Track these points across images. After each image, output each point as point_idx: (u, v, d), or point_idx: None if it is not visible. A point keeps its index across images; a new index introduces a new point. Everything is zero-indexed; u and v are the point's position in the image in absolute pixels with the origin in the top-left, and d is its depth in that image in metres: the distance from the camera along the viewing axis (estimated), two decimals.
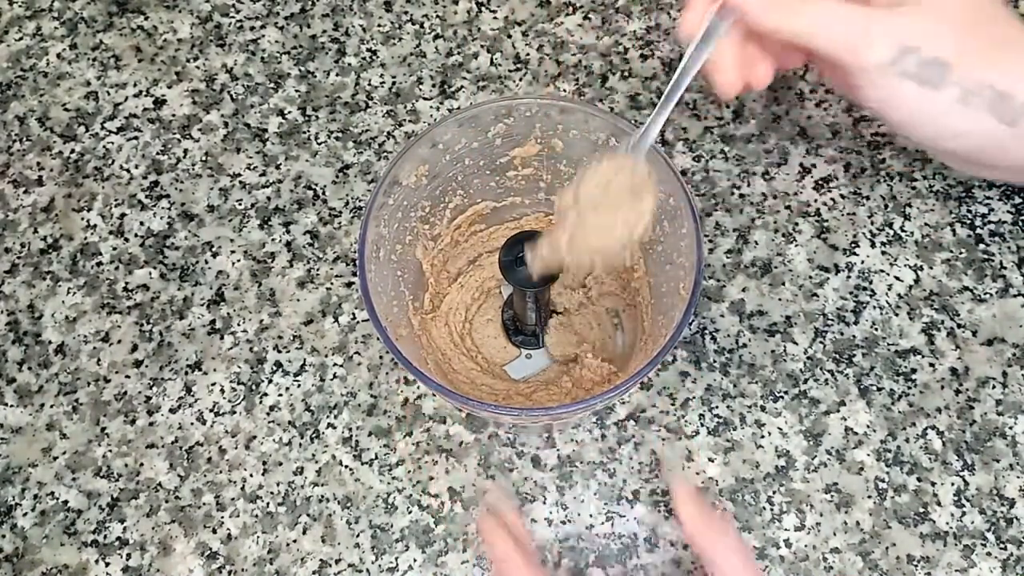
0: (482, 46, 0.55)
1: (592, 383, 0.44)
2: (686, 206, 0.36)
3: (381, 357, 0.48)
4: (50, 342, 0.49)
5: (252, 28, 0.57)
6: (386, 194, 0.38)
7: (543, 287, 0.39)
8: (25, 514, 0.45)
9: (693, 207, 0.36)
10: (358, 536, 0.44)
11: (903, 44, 0.29)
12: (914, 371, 0.46)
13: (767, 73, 0.35)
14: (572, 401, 0.44)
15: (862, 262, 0.48)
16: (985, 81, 0.29)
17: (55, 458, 0.46)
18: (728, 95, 0.34)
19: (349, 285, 0.49)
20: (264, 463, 0.46)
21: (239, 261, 0.50)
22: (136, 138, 0.54)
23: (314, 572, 0.43)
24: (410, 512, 0.44)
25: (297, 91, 0.55)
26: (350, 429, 0.46)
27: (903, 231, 0.49)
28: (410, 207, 0.42)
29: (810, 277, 0.48)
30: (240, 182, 0.52)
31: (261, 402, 0.47)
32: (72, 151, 0.54)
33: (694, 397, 0.46)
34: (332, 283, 0.49)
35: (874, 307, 0.47)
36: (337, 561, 0.43)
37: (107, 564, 0.44)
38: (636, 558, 0.43)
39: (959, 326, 0.47)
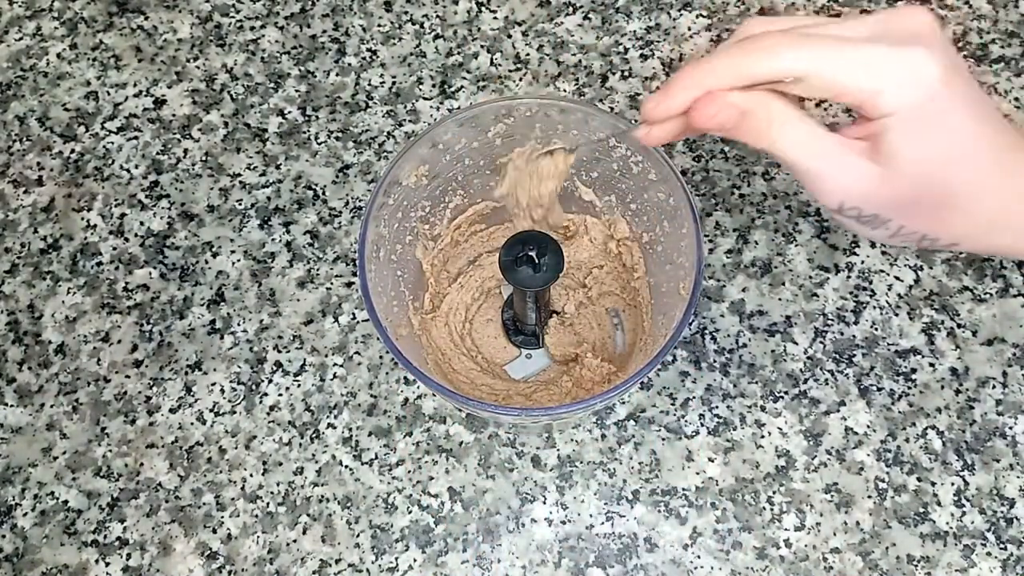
0: (482, 46, 0.55)
1: (592, 383, 0.44)
2: (686, 206, 0.36)
3: (381, 357, 0.48)
4: (50, 342, 0.49)
5: (252, 28, 0.57)
6: (386, 194, 0.38)
7: (543, 287, 0.39)
8: (25, 514, 0.45)
9: (693, 207, 0.36)
10: (358, 536, 0.44)
11: (845, 204, 0.30)
12: (914, 371, 0.46)
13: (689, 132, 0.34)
14: (572, 401, 0.44)
15: (862, 262, 0.48)
16: (919, 232, 0.30)
17: (55, 458, 0.46)
18: (648, 144, 0.33)
19: (349, 285, 0.49)
20: (264, 463, 0.46)
21: (239, 261, 0.50)
22: (136, 138, 0.54)
23: (314, 572, 0.43)
24: (410, 512, 0.44)
25: (297, 91, 0.55)
26: (350, 429, 0.46)
27: None
28: (410, 207, 0.42)
29: (810, 277, 0.48)
30: (240, 182, 0.52)
31: (261, 402, 0.47)
32: (72, 151, 0.54)
33: (694, 397, 0.46)
34: (332, 283, 0.49)
35: (874, 307, 0.47)
36: (337, 561, 0.43)
37: (107, 564, 0.44)
38: (636, 558, 0.43)
39: (959, 326, 0.47)
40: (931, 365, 0.46)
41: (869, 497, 0.43)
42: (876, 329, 0.47)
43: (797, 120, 0.29)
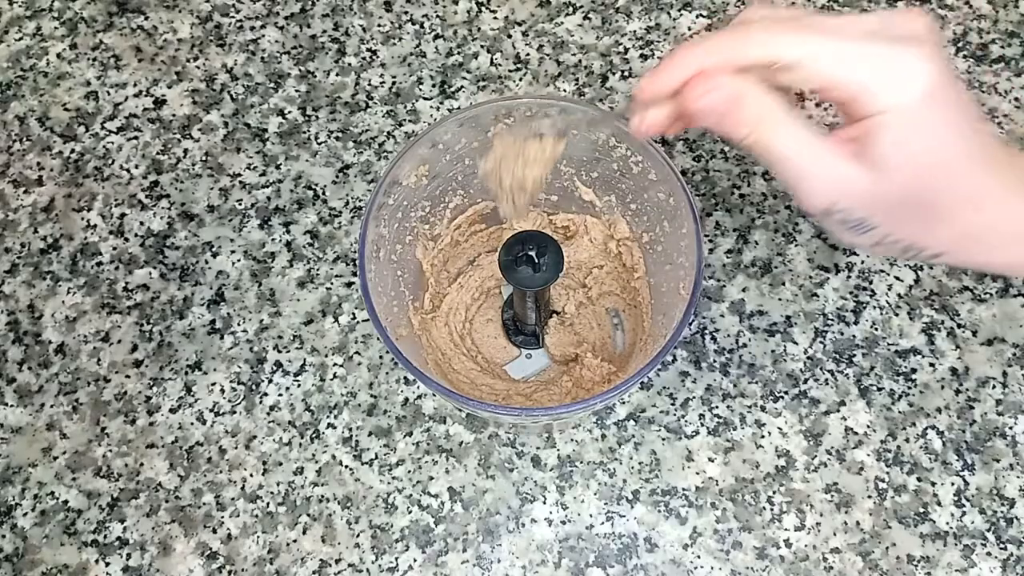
0: (482, 46, 0.55)
1: (592, 383, 0.44)
2: (686, 206, 0.36)
3: (381, 357, 0.48)
4: (50, 342, 0.49)
5: (252, 28, 0.57)
6: (386, 194, 0.38)
7: (543, 287, 0.39)
8: (25, 514, 0.45)
9: (693, 207, 0.36)
10: (358, 536, 0.44)
11: (832, 207, 0.29)
12: (914, 371, 0.46)
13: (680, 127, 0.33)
14: (572, 401, 0.44)
15: (862, 262, 0.48)
16: (904, 240, 0.30)
17: (55, 458, 0.46)
18: (640, 134, 0.32)
19: (349, 285, 0.49)
20: (264, 463, 0.46)
21: (239, 261, 0.50)
22: (136, 138, 0.54)
23: (314, 572, 0.43)
24: (410, 512, 0.44)
25: (297, 91, 0.55)
26: (350, 429, 0.46)
27: None
28: (410, 207, 0.42)
29: (810, 277, 0.48)
30: (240, 182, 0.52)
31: (261, 402, 0.47)
32: (72, 151, 0.54)
33: (694, 397, 0.46)
34: (332, 283, 0.49)
35: (874, 307, 0.47)
36: (337, 561, 0.43)
37: (107, 564, 0.44)
38: (636, 558, 0.43)
39: (959, 326, 0.47)
40: (931, 365, 0.46)
41: (869, 497, 0.43)
42: (876, 329, 0.47)
43: (790, 115, 0.28)
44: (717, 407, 0.46)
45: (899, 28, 0.28)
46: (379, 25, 0.56)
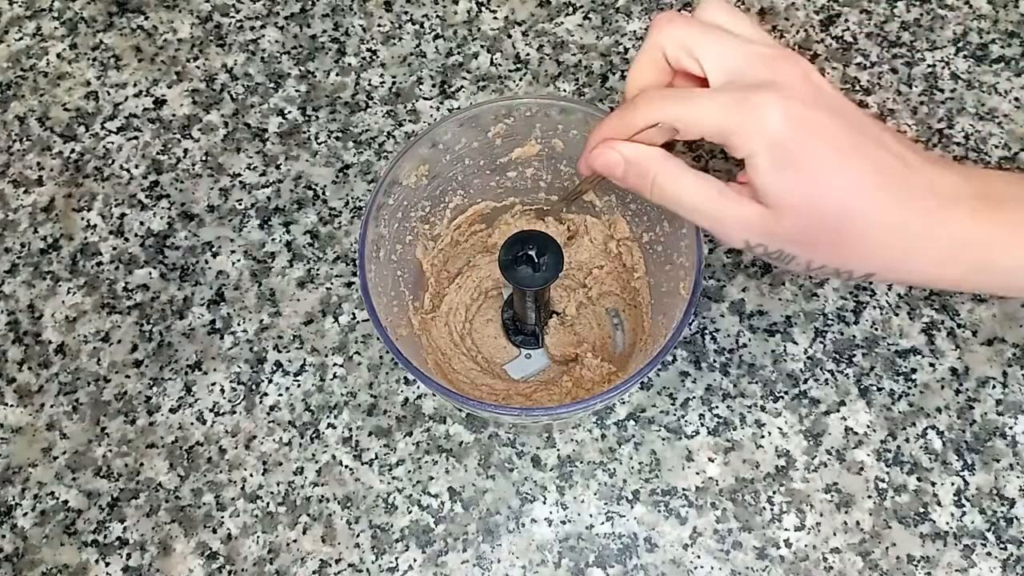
0: (482, 46, 0.55)
1: (592, 383, 0.44)
2: None
3: (381, 357, 0.48)
4: (50, 342, 0.49)
5: (252, 28, 0.57)
6: (386, 194, 0.38)
7: (543, 286, 0.39)
8: (25, 514, 0.45)
9: None
10: (358, 536, 0.44)
11: (748, 245, 0.32)
12: (914, 371, 0.46)
13: None
14: (572, 401, 0.44)
15: None
16: (828, 265, 0.32)
17: (55, 458, 0.46)
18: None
19: (349, 285, 0.49)
20: (264, 463, 0.46)
21: (239, 261, 0.50)
22: (136, 138, 0.54)
23: (314, 572, 0.43)
24: (410, 512, 0.44)
25: (297, 91, 0.55)
26: (350, 429, 0.46)
27: None
28: (410, 207, 0.42)
29: (810, 277, 0.48)
30: (240, 182, 0.52)
31: (261, 402, 0.47)
32: (72, 151, 0.54)
33: (694, 397, 0.46)
34: (332, 283, 0.49)
35: (874, 307, 0.47)
36: (337, 561, 0.43)
37: (107, 564, 0.44)
38: (636, 558, 0.43)
39: (959, 326, 0.47)
40: (931, 365, 0.46)
41: (869, 497, 0.43)
42: (876, 329, 0.47)
43: (683, 168, 0.32)
44: (717, 407, 0.46)
45: (759, 74, 0.30)
46: (379, 25, 0.56)
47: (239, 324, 0.49)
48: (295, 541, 0.44)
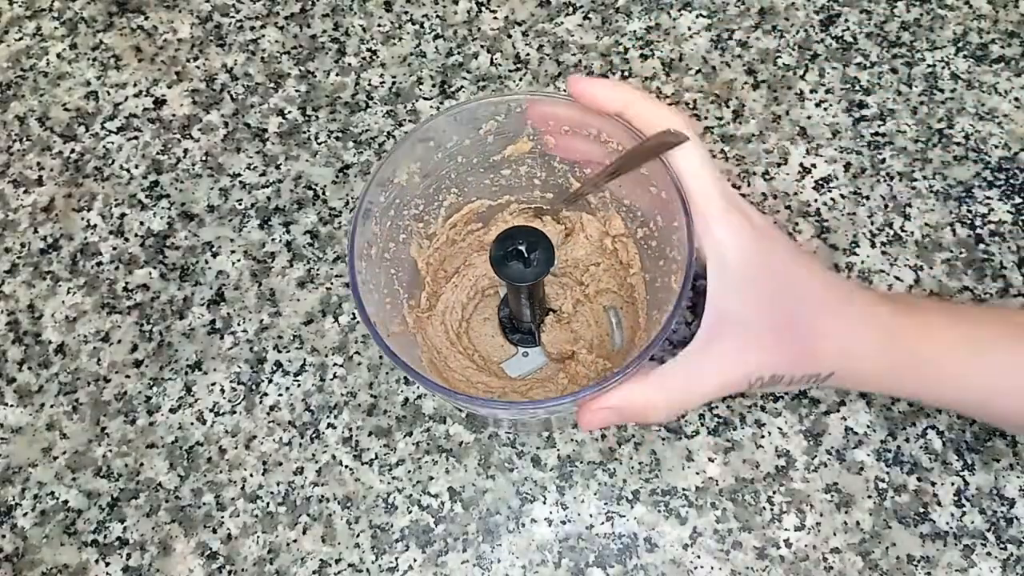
0: (482, 46, 0.55)
1: (587, 379, 0.44)
2: (677, 199, 0.36)
3: (381, 357, 0.48)
4: (50, 342, 0.49)
5: (252, 28, 0.57)
6: (377, 192, 0.38)
7: (534, 281, 0.39)
8: (25, 514, 0.45)
9: (684, 200, 0.36)
10: (358, 536, 0.44)
11: (750, 378, 0.35)
12: None
13: None
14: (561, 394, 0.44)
15: (862, 262, 0.48)
16: (810, 374, 0.35)
17: (55, 458, 0.46)
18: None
19: (349, 285, 0.49)
20: (264, 463, 0.46)
21: (239, 261, 0.50)
22: (136, 138, 0.54)
23: (314, 572, 0.43)
24: (410, 512, 0.44)
25: (297, 91, 0.55)
26: (350, 429, 0.46)
27: (903, 231, 0.49)
28: (403, 205, 0.42)
29: None
30: (240, 182, 0.52)
31: (261, 402, 0.47)
32: (72, 151, 0.54)
33: None
34: (332, 283, 0.49)
35: None
36: (337, 561, 0.43)
37: (107, 564, 0.44)
38: (636, 558, 0.43)
39: None
40: None
41: (869, 497, 0.43)
42: None
43: (662, 393, 0.34)
44: (717, 407, 0.46)
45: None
46: (379, 25, 0.56)
47: (239, 324, 0.49)
48: (295, 541, 0.44)
